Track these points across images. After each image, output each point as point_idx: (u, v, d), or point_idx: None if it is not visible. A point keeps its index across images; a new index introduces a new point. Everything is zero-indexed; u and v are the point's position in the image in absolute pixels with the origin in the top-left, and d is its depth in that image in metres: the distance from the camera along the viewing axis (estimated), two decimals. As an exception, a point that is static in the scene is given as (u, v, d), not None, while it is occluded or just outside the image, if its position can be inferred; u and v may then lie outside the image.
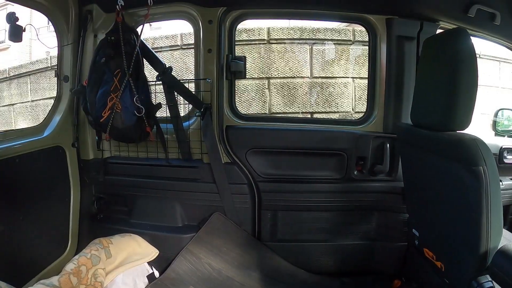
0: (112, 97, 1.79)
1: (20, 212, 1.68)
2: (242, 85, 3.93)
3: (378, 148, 1.91)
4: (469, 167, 1.19)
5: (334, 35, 4.00)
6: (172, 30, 4.09)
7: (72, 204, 1.99)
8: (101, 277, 1.62)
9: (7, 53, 8.40)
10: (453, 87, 1.26)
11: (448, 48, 1.32)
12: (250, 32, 3.96)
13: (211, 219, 1.96)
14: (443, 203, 1.44)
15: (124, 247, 1.79)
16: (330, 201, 1.95)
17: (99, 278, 1.60)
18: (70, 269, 1.56)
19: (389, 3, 1.82)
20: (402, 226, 1.92)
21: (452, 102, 1.27)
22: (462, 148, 1.22)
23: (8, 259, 1.60)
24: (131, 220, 2.06)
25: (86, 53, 1.95)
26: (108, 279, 1.66)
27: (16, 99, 5.59)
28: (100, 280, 1.60)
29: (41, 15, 1.85)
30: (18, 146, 1.69)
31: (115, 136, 1.90)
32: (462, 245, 1.33)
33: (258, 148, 1.96)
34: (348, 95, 4.05)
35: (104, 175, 2.06)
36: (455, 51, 1.27)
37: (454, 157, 1.28)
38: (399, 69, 1.87)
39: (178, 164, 1.99)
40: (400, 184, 1.88)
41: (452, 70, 1.27)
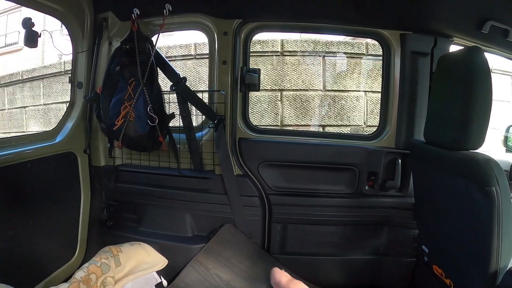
0: (126, 105, 1.77)
1: (30, 217, 1.67)
2: (254, 97, 3.90)
3: (389, 163, 1.88)
4: (482, 187, 1.19)
5: (347, 48, 3.97)
6: (185, 38, 4.06)
7: (82, 210, 1.98)
8: (110, 285, 1.59)
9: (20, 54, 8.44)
10: (468, 107, 1.25)
11: (463, 66, 1.31)
12: (264, 44, 3.94)
13: (221, 230, 1.93)
14: (454, 221, 1.43)
15: (133, 255, 1.77)
16: (341, 215, 1.92)
17: (108, 287, 1.57)
18: (80, 277, 1.53)
19: (404, 18, 1.80)
20: (412, 242, 1.89)
21: (466, 121, 1.26)
22: (476, 168, 1.22)
23: (16, 263, 1.59)
24: (140, 228, 2.04)
25: (100, 60, 1.94)
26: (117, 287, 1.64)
27: (29, 102, 5.58)
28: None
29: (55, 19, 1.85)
30: (30, 151, 1.69)
31: (127, 144, 1.87)
32: (472, 263, 1.32)
33: (270, 161, 1.93)
34: (360, 108, 4.03)
35: (115, 182, 2.04)
36: (470, 70, 1.26)
37: (467, 177, 1.27)
38: (412, 85, 1.84)
39: (190, 175, 1.97)
40: (410, 200, 1.86)
41: (467, 89, 1.26)
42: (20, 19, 4.01)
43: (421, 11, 1.71)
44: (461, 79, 1.31)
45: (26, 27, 1.67)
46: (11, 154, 1.59)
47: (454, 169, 1.35)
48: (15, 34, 8.79)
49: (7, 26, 9.59)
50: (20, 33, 9.57)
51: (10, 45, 9.37)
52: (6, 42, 9.50)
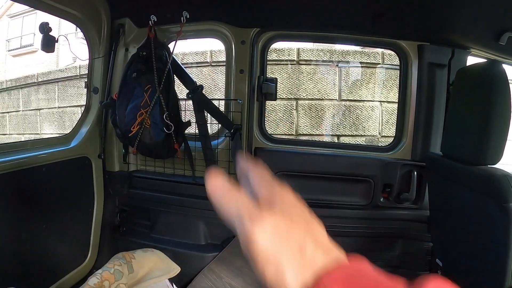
0: (142, 112, 1.75)
1: (43, 220, 1.66)
2: (270, 105, 3.87)
3: (405, 175, 1.84)
4: (500, 204, 1.17)
5: (363, 58, 3.93)
6: (201, 45, 4.04)
7: (95, 214, 1.97)
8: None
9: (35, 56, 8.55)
10: (486, 122, 1.23)
11: (482, 80, 1.28)
12: (279, 52, 3.91)
13: (235, 239, 1.89)
14: (470, 236, 1.40)
15: (146, 262, 1.73)
16: (355, 227, 1.89)
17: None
18: (93, 283, 1.49)
19: (422, 29, 1.77)
20: (425, 254, 1.85)
21: (485, 136, 1.23)
22: (493, 184, 1.20)
23: (28, 266, 1.58)
24: (153, 235, 2.02)
25: (116, 66, 1.93)
26: None
27: (43, 104, 5.61)
28: None
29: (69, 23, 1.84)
30: (45, 155, 1.68)
31: (142, 151, 1.86)
32: (486, 278, 1.30)
33: (286, 171, 1.90)
34: (375, 119, 3.98)
35: (128, 188, 2.03)
36: (489, 84, 1.23)
37: (485, 192, 1.25)
38: (429, 97, 1.80)
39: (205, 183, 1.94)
40: (425, 212, 1.82)
41: (486, 104, 1.23)
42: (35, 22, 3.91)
43: (439, 22, 1.68)
44: (480, 93, 1.28)
45: (43, 32, 1.65)
46: (26, 158, 1.58)
47: (472, 184, 1.33)
48: (30, 36, 8.93)
49: (22, 28, 9.74)
50: (35, 35, 9.76)
51: (25, 46, 9.52)
52: (21, 43, 9.65)
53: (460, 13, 1.57)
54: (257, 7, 1.75)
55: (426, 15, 1.62)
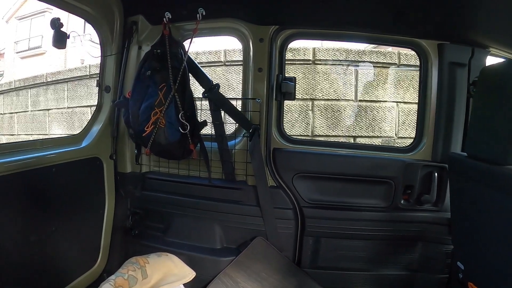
0: (156, 111, 1.64)
1: (54, 222, 1.58)
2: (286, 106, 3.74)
3: (425, 177, 1.76)
4: None
5: (379, 58, 3.86)
6: (214, 44, 3.92)
7: (106, 217, 1.87)
8: (137, 298, 1.46)
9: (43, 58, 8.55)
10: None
11: (508, 79, 1.21)
12: (295, 52, 3.83)
13: (253, 243, 1.80)
14: (496, 238, 1.32)
15: (160, 267, 1.63)
16: (374, 229, 1.80)
17: (135, 300, 1.44)
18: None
19: (442, 28, 1.70)
20: (445, 258, 1.77)
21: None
22: None
23: (38, 269, 1.51)
24: (166, 238, 1.91)
25: (129, 64, 1.85)
26: None
27: (52, 104, 5.49)
28: None
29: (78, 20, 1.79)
30: (55, 155, 1.59)
31: (156, 152, 1.75)
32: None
33: (305, 172, 1.81)
34: (392, 119, 3.91)
35: (141, 189, 1.93)
36: None
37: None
38: (450, 96, 1.73)
39: (221, 185, 1.85)
40: (446, 214, 1.74)
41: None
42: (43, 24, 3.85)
43: (459, 21, 1.62)
44: (505, 92, 1.22)
45: (55, 27, 1.57)
46: (36, 157, 1.50)
47: (499, 184, 1.25)
48: (38, 38, 8.92)
49: (30, 30, 9.74)
50: (43, 37, 9.76)
51: (33, 48, 9.52)
52: (29, 45, 9.65)
53: (480, 12, 1.51)
54: (276, 4, 1.66)
55: (447, 13, 1.55)
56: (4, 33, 11.55)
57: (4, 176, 1.35)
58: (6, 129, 6.19)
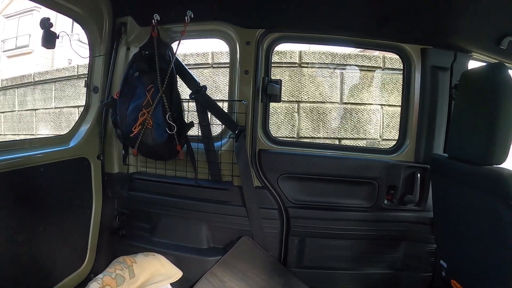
0: (144, 112, 1.67)
1: (40, 223, 1.58)
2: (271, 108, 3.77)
3: (408, 177, 1.82)
4: (507, 202, 1.17)
5: (365, 62, 3.92)
6: (202, 46, 3.96)
7: (93, 217, 1.88)
8: (125, 298, 1.49)
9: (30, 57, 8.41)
10: (492, 122, 1.23)
11: (487, 82, 1.28)
12: (282, 55, 3.88)
13: (239, 243, 1.83)
14: (477, 235, 1.38)
15: (147, 266, 1.66)
16: (359, 229, 1.85)
17: (123, 299, 1.47)
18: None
19: (425, 33, 1.75)
20: (429, 256, 1.83)
21: (491, 136, 1.23)
22: (501, 182, 1.20)
23: (25, 269, 1.51)
24: (153, 239, 1.93)
25: (117, 65, 1.86)
26: None
27: (40, 104, 5.43)
28: None
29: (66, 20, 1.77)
30: (43, 155, 1.60)
31: (143, 152, 1.77)
32: (494, 278, 1.29)
33: (290, 173, 1.85)
34: (376, 122, 3.97)
35: (128, 190, 1.94)
36: (495, 85, 1.23)
37: (492, 192, 1.24)
38: (432, 99, 1.79)
39: (207, 185, 1.88)
40: (429, 214, 1.80)
41: (492, 105, 1.23)
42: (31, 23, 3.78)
43: (442, 26, 1.67)
44: (485, 94, 1.28)
45: (44, 27, 1.58)
46: (23, 157, 1.50)
47: (479, 184, 1.31)
48: (26, 37, 8.77)
49: (18, 29, 9.58)
50: (31, 36, 9.60)
51: (20, 47, 9.35)
52: (17, 44, 9.48)
53: (462, 17, 1.57)
54: (263, 8, 1.70)
55: (429, 19, 1.61)
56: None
57: None
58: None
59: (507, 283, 1.21)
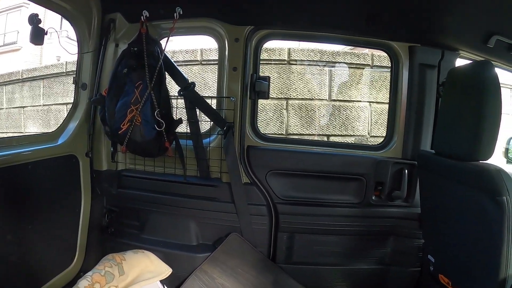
0: (132, 109, 1.68)
1: (29, 221, 1.59)
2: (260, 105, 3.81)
3: (396, 173, 1.85)
4: (493, 197, 1.19)
5: (353, 59, 3.96)
6: (191, 43, 3.97)
7: (82, 215, 1.89)
8: (114, 295, 1.51)
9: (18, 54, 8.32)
10: (478, 119, 1.25)
11: (474, 79, 1.31)
12: (271, 52, 3.90)
13: (227, 239, 1.86)
14: (463, 230, 1.41)
15: (136, 264, 1.67)
16: (347, 225, 1.88)
17: (112, 296, 1.49)
18: (84, 286, 1.43)
19: (413, 31, 1.79)
20: (417, 251, 1.87)
21: (477, 133, 1.26)
22: (487, 178, 1.22)
23: (13, 269, 1.51)
24: (143, 236, 1.95)
25: (106, 62, 1.87)
26: None
27: (28, 102, 5.39)
28: None
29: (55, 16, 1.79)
30: (31, 152, 1.60)
31: (132, 149, 1.78)
32: (480, 272, 1.32)
33: (278, 169, 1.88)
34: (365, 119, 4.02)
35: (117, 187, 1.95)
36: (481, 83, 1.26)
37: (478, 187, 1.27)
38: (420, 97, 1.83)
39: (196, 182, 1.90)
40: (416, 210, 1.83)
41: (478, 102, 1.26)
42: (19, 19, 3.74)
43: (430, 24, 1.71)
44: (472, 91, 1.31)
45: (33, 23, 1.59)
46: (11, 155, 1.51)
47: (465, 179, 1.35)
48: (14, 34, 8.67)
49: (6, 25, 9.46)
50: (19, 33, 9.48)
51: (8, 44, 9.24)
52: (4, 41, 9.36)
53: (450, 16, 1.60)
54: (252, 5, 1.72)
55: (417, 17, 1.64)
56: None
57: None
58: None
59: (493, 278, 1.23)
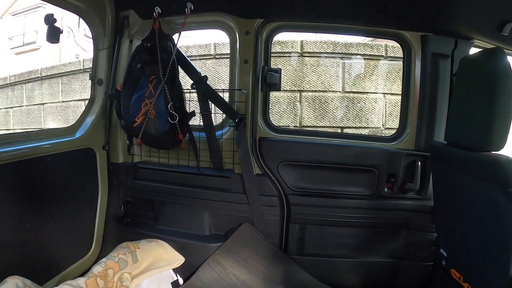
0: (146, 102, 1.75)
1: (47, 211, 1.67)
2: (274, 97, 3.85)
3: (409, 165, 1.84)
4: (504, 189, 1.17)
5: (367, 50, 3.93)
6: (204, 38, 4.03)
7: (99, 206, 1.98)
8: (127, 281, 1.58)
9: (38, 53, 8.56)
10: (490, 108, 1.24)
11: (485, 68, 1.29)
12: (283, 45, 3.91)
13: (239, 229, 1.90)
14: (475, 223, 1.39)
15: (150, 252, 1.75)
16: (359, 217, 1.89)
17: (125, 282, 1.56)
18: (98, 271, 1.52)
19: (425, 20, 1.77)
20: (429, 245, 1.85)
21: (488, 123, 1.24)
22: (498, 169, 1.20)
23: (32, 257, 1.59)
24: (157, 226, 2.02)
25: (121, 58, 1.94)
26: (133, 284, 1.62)
27: (47, 99, 5.59)
28: (126, 285, 1.56)
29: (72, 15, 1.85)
30: (50, 145, 1.69)
31: (147, 142, 1.86)
32: (492, 266, 1.29)
33: (290, 161, 1.91)
34: (379, 111, 3.98)
35: (133, 179, 2.04)
36: (492, 71, 1.24)
37: (489, 178, 1.24)
38: (433, 87, 1.81)
39: (209, 173, 1.95)
40: (429, 203, 1.81)
41: (489, 91, 1.24)
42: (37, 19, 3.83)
43: (442, 13, 1.68)
44: (483, 80, 1.29)
45: (48, 23, 1.67)
46: (31, 148, 1.59)
47: (476, 170, 1.32)
48: (33, 34, 8.95)
49: (25, 25, 9.77)
50: (37, 33, 9.79)
51: (28, 44, 9.55)
52: (24, 41, 9.67)
53: (463, 3, 1.57)
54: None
55: (429, 5, 1.63)
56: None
57: (1, 165, 1.44)
58: (1, 124, 6.26)
59: (504, 274, 1.20)
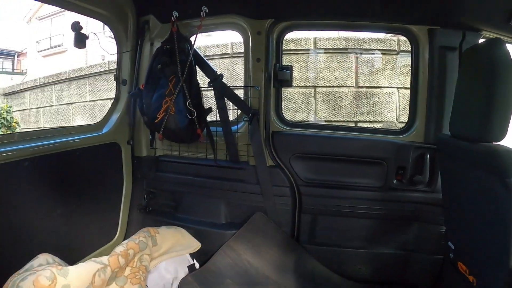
0: (167, 100, 1.89)
1: (77, 199, 1.82)
2: (289, 93, 3.94)
3: (418, 158, 1.86)
4: (503, 179, 1.15)
5: (379, 45, 3.94)
6: (223, 38, 4.19)
7: (123, 195, 2.12)
8: (146, 261, 1.69)
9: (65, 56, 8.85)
10: (490, 98, 1.23)
11: (485, 58, 1.29)
12: (297, 42, 3.98)
13: (253, 218, 2.00)
14: (478, 216, 1.38)
15: (169, 237, 1.86)
16: (369, 208, 1.93)
17: (144, 263, 1.68)
18: (120, 250, 1.61)
19: (432, 13, 1.77)
20: (439, 238, 1.84)
21: (489, 113, 1.23)
22: (497, 159, 1.19)
23: (64, 239, 1.73)
24: (177, 214, 2.16)
25: (143, 60, 2.07)
26: (152, 265, 1.74)
27: (75, 99, 5.90)
28: (145, 264, 1.68)
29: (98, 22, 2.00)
30: (79, 140, 1.84)
31: (167, 136, 2.00)
32: (493, 258, 1.28)
33: (301, 153, 1.98)
34: (393, 105, 3.99)
35: (155, 171, 2.17)
36: (492, 61, 1.24)
37: (489, 169, 1.24)
38: (441, 80, 1.81)
39: (225, 165, 2.06)
40: (439, 195, 1.79)
41: (489, 81, 1.24)
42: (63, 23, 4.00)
43: (449, 5, 1.69)
44: (483, 71, 1.28)
45: (75, 30, 1.81)
46: (61, 142, 1.74)
47: (477, 161, 1.32)
48: (59, 37, 9.28)
49: (51, 29, 10.14)
50: (64, 36, 10.13)
51: (54, 47, 9.89)
52: (51, 44, 10.03)
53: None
54: (270, 0, 1.84)
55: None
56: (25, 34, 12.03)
57: (36, 157, 1.59)
58: (32, 122, 6.59)
59: (504, 263, 1.18)
